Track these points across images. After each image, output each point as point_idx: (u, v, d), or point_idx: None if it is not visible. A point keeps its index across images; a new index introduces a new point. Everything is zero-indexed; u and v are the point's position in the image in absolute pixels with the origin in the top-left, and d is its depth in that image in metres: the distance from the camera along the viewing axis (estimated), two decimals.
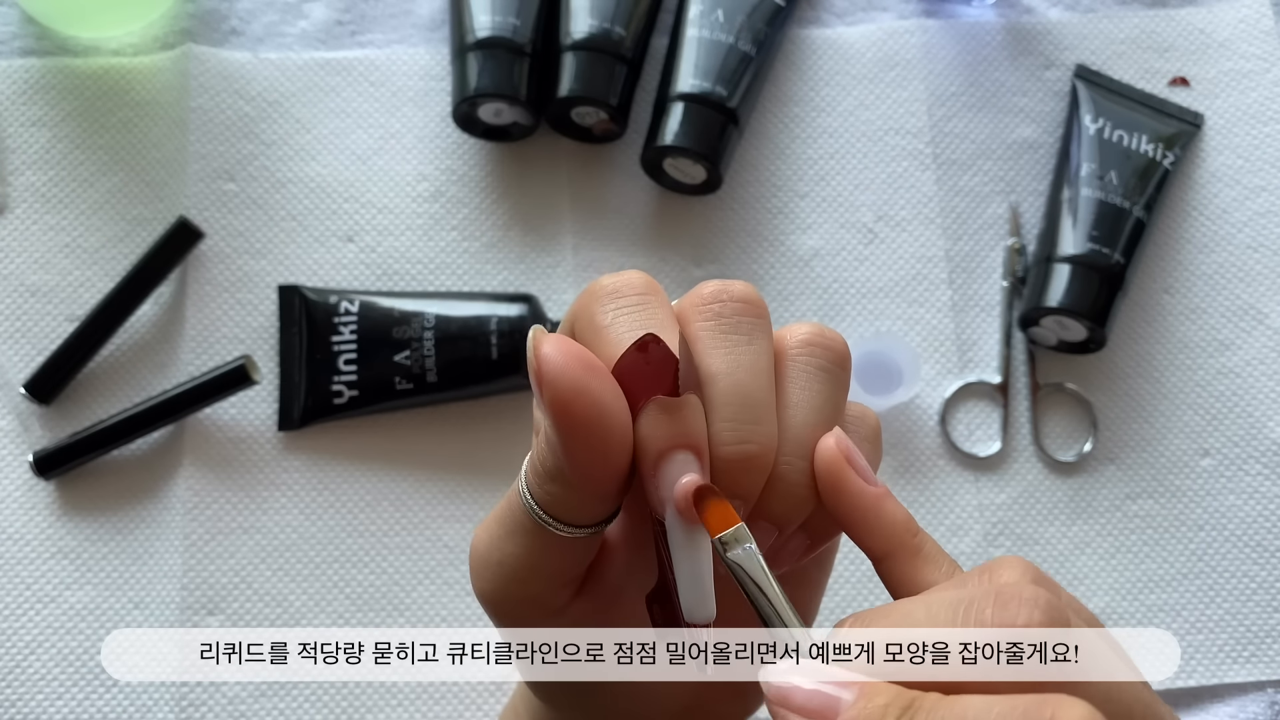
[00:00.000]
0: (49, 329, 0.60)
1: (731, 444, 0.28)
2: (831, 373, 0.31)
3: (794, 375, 0.31)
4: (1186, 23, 0.67)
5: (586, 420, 0.27)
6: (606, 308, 0.30)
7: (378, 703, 0.55)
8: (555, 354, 0.27)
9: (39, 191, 0.62)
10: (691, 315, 0.30)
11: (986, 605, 0.25)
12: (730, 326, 0.30)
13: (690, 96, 0.60)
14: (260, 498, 0.58)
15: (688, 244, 0.62)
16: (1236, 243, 0.63)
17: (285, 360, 0.59)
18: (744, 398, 0.29)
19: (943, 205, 0.64)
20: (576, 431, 0.27)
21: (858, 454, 0.30)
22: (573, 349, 0.27)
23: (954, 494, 0.59)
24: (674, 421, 0.28)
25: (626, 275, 0.30)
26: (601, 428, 0.27)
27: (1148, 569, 0.58)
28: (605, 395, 0.27)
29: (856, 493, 0.29)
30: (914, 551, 0.29)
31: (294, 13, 0.66)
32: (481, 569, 0.32)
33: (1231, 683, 0.56)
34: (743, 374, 0.29)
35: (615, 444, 0.28)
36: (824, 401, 0.30)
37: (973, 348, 0.62)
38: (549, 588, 0.31)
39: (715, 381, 0.29)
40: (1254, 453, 0.60)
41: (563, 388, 0.27)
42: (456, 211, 0.63)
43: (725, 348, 0.29)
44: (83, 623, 0.56)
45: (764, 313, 0.31)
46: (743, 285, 0.31)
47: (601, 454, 0.28)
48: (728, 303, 0.30)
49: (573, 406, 0.27)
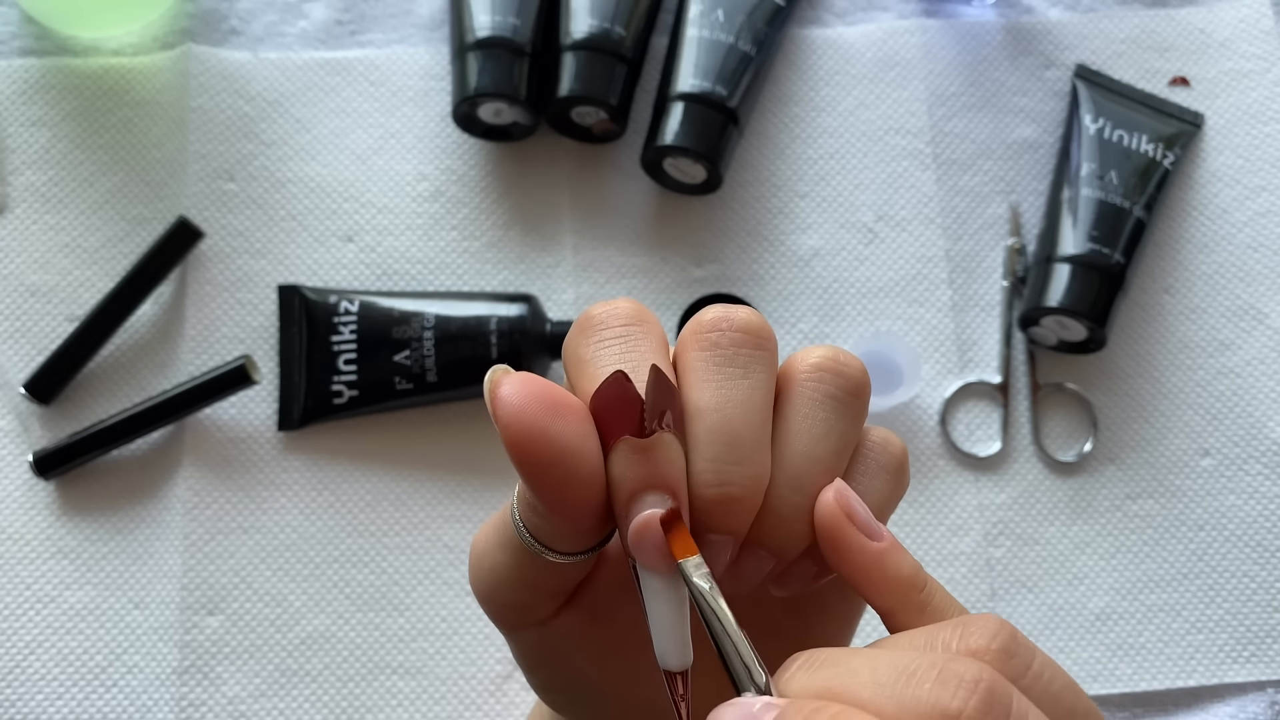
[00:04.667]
0: (49, 329, 0.60)
1: (711, 485, 0.27)
2: (842, 401, 0.29)
3: (798, 402, 0.29)
4: (1186, 23, 0.67)
5: (547, 462, 0.26)
6: (589, 341, 0.29)
7: (378, 703, 0.55)
8: (511, 395, 0.26)
9: (39, 191, 0.62)
10: (689, 343, 0.29)
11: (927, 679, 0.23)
12: (725, 359, 0.28)
13: (690, 96, 0.60)
14: (260, 498, 0.58)
15: (688, 244, 0.62)
16: (1236, 243, 0.63)
17: (285, 360, 0.59)
18: (729, 436, 0.28)
19: (943, 205, 0.64)
20: (537, 473, 0.27)
21: (859, 506, 0.28)
22: (534, 389, 0.27)
23: (954, 494, 0.59)
24: (644, 462, 0.27)
25: (613, 305, 0.29)
26: (563, 468, 0.26)
27: (1148, 569, 0.58)
28: (566, 436, 0.26)
29: (858, 550, 0.28)
30: (919, 608, 0.28)
31: (294, 13, 0.66)
32: (476, 570, 0.32)
33: (1231, 683, 0.56)
34: (731, 410, 0.28)
35: (582, 484, 0.27)
36: (827, 431, 0.29)
37: (973, 348, 0.62)
38: (535, 601, 0.31)
39: (701, 418, 0.28)
40: (1254, 453, 0.60)
41: (517, 430, 0.26)
42: (456, 211, 0.63)
43: (715, 382, 0.28)
44: (83, 623, 0.56)
45: (766, 344, 0.29)
46: (746, 313, 0.29)
47: (567, 493, 0.27)
48: (726, 332, 0.29)
49: (530, 449, 0.26)
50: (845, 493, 0.28)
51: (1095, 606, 0.58)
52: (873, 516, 0.29)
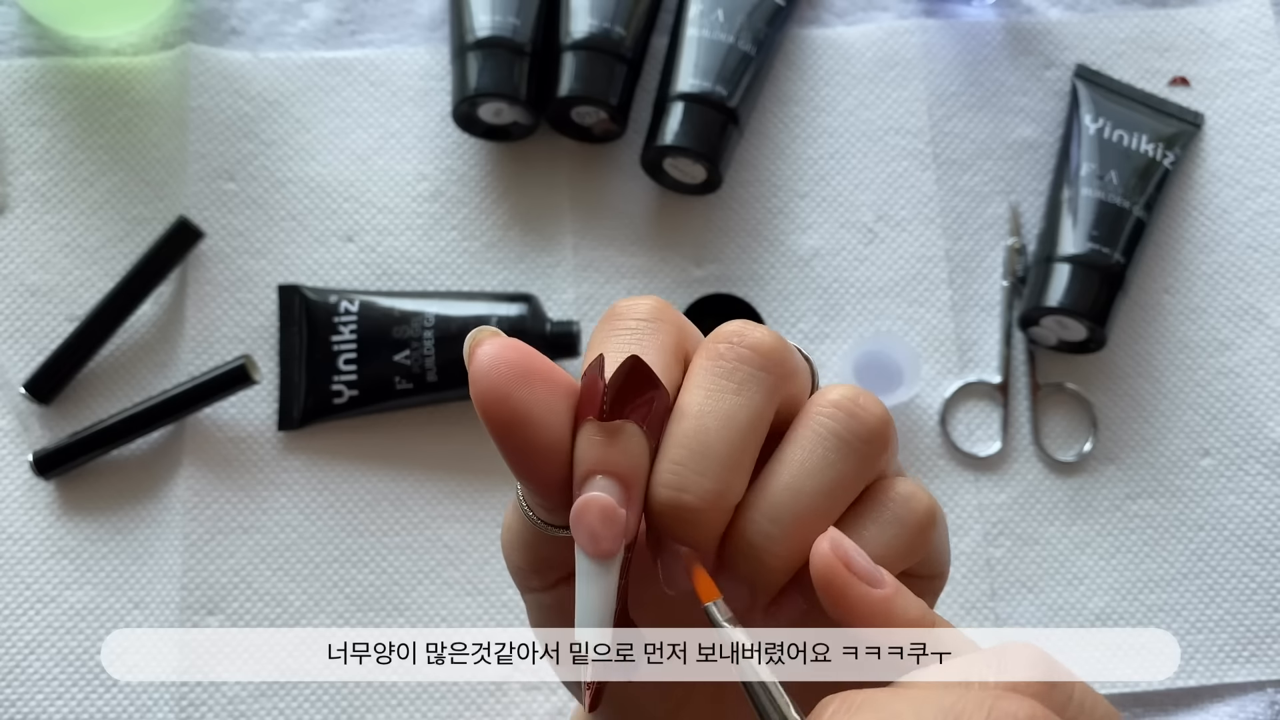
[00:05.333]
0: (49, 329, 0.60)
1: (668, 487, 0.28)
2: (846, 442, 0.29)
3: (800, 435, 0.29)
4: (1186, 23, 0.67)
5: (504, 425, 0.27)
6: (605, 329, 0.30)
7: (378, 703, 0.55)
8: (484, 357, 0.27)
9: (39, 191, 0.62)
10: (700, 351, 0.29)
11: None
12: (724, 371, 0.29)
13: (690, 96, 0.60)
14: (260, 498, 0.58)
15: (688, 244, 0.62)
16: (1236, 243, 0.63)
17: (285, 360, 0.59)
18: (701, 445, 0.28)
19: (943, 205, 0.64)
20: (496, 435, 0.27)
21: (856, 554, 0.27)
22: (509, 355, 0.27)
23: (954, 494, 0.59)
24: (603, 445, 0.27)
25: (637, 300, 0.30)
26: (521, 436, 0.27)
27: (1148, 569, 0.58)
28: (528, 404, 0.27)
29: (859, 600, 0.27)
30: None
31: (294, 12, 0.66)
32: (504, 528, 0.33)
33: (1231, 683, 0.56)
34: (711, 420, 0.28)
35: (539, 452, 0.28)
36: (822, 469, 0.28)
37: (973, 348, 0.62)
38: (538, 565, 0.32)
39: (679, 420, 0.28)
40: (1254, 453, 0.60)
41: (481, 389, 0.27)
42: (456, 211, 0.63)
43: (705, 390, 0.28)
44: (83, 623, 0.56)
45: (771, 367, 0.29)
46: (762, 333, 0.29)
47: (525, 460, 0.28)
48: (734, 346, 0.29)
49: (490, 410, 0.27)
50: (840, 540, 0.28)
51: (1095, 606, 0.58)
52: (872, 563, 0.28)
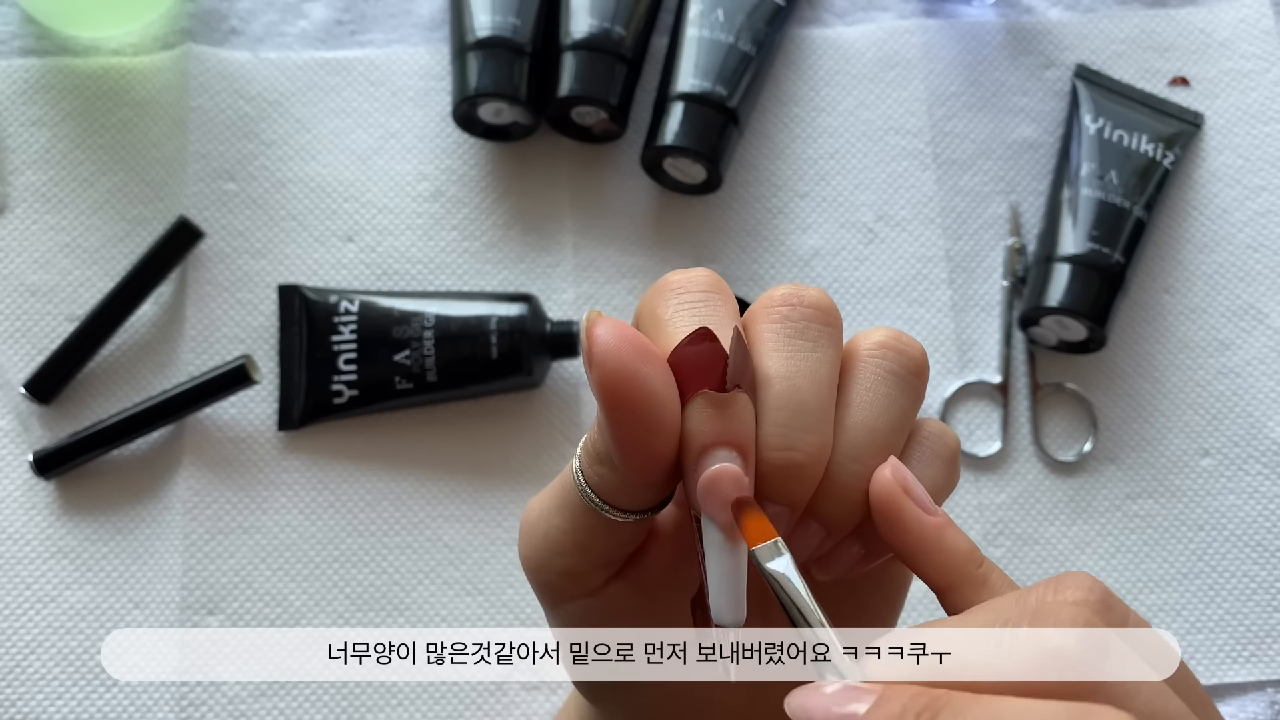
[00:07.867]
0: (49, 329, 0.60)
1: (778, 449, 0.28)
2: (902, 378, 0.30)
3: (860, 377, 0.30)
4: (1186, 23, 0.67)
5: (633, 404, 0.27)
6: (669, 302, 0.30)
7: (378, 703, 0.55)
8: (607, 335, 0.27)
9: (39, 191, 0.62)
10: (760, 316, 0.30)
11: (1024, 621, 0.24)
12: (796, 331, 0.29)
13: (690, 96, 0.60)
14: (260, 497, 0.58)
15: (688, 244, 0.62)
16: (1236, 243, 0.63)
17: (285, 360, 0.59)
18: (798, 404, 0.28)
19: (943, 205, 0.64)
20: (622, 414, 0.27)
21: (915, 482, 0.29)
22: (627, 332, 0.27)
23: (954, 494, 0.59)
24: (720, 417, 0.27)
25: (694, 272, 0.30)
26: (648, 412, 0.27)
27: (1148, 569, 0.58)
28: (654, 381, 0.27)
29: (914, 523, 0.28)
30: (979, 584, 0.28)
31: (294, 12, 0.66)
32: (529, 537, 0.32)
33: (1231, 683, 0.56)
34: (800, 379, 0.29)
35: (661, 431, 0.27)
36: (888, 406, 0.30)
37: (973, 348, 0.62)
38: (590, 566, 0.31)
39: (771, 384, 0.29)
40: (1254, 453, 0.60)
41: (610, 369, 0.27)
42: (456, 211, 0.63)
43: (786, 352, 0.29)
44: (83, 623, 0.56)
45: (834, 321, 0.30)
46: (816, 292, 0.30)
47: (647, 439, 0.27)
48: (797, 307, 0.30)
49: (620, 389, 0.27)
50: (899, 467, 0.29)
51: None
52: (928, 494, 0.29)
